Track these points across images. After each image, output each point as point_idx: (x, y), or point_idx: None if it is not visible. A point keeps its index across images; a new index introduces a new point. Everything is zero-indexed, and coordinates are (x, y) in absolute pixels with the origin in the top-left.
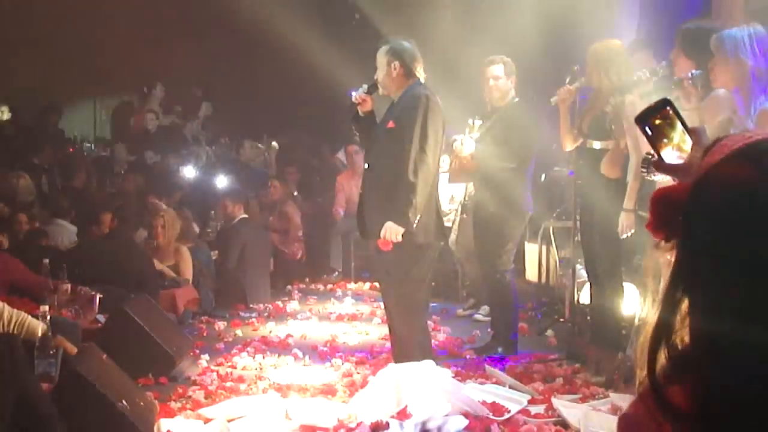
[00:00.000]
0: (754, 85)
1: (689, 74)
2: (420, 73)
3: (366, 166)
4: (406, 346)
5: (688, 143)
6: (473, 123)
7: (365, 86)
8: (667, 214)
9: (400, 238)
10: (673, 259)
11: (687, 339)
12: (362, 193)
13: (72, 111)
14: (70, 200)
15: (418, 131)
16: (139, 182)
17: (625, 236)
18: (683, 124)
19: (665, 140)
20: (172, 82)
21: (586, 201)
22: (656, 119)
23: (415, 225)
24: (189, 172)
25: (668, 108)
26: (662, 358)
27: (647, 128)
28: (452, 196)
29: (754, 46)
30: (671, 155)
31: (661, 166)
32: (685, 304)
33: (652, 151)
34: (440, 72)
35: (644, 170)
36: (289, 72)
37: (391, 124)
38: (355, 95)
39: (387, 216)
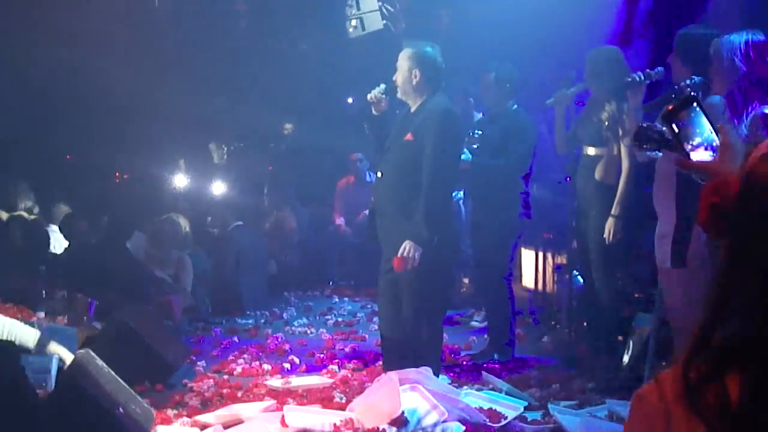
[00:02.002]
0: (748, 91)
1: (689, 80)
2: (441, 82)
3: (379, 174)
4: (418, 353)
5: (716, 140)
6: (473, 134)
7: (383, 86)
8: (720, 209)
9: (418, 261)
10: (723, 254)
11: (731, 337)
12: (375, 201)
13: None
14: (65, 207)
15: (438, 146)
16: (135, 188)
17: (609, 242)
18: (710, 120)
19: (694, 137)
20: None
21: (582, 207)
22: (683, 116)
23: (433, 244)
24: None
25: (695, 104)
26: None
27: (674, 125)
28: None
29: (750, 52)
30: (700, 153)
31: (687, 164)
32: (733, 301)
33: (644, 124)
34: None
35: (636, 144)
36: (290, 76)
37: (409, 137)
38: (371, 94)
39: (403, 233)
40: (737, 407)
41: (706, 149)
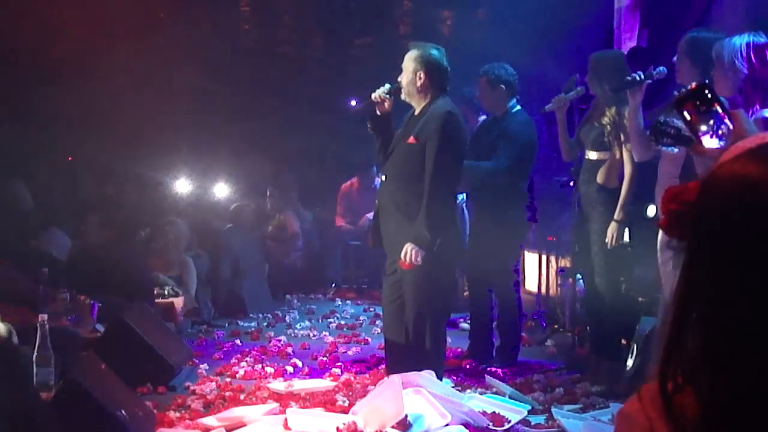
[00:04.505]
0: (749, 94)
1: (689, 86)
2: (446, 85)
3: (383, 177)
4: (421, 357)
5: (728, 127)
6: None
7: (387, 86)
8: (679, 214)
9: (420, 261)
10: (683, 261)
11: (697, 344)
12: (379, 204)
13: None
14: (68, 209)
15: (440, 150)
16: (137, 191)
17: (611, 246)
18: (723, 108)
19: (704, 125)
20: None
21: (584, 211)
22: (694, 103)
23: (435, 247)
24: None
25: (707, 92)
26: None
27: (685, 112)
28: None
29: (751, 55)
30: (711, 140)
31: (699, 151)
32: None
33: (662, 118)
34: None
35: (653, 139)
36: (290, 79)
37: (412, 140)
38: (376, 94)
39: (406, 236)
40: (700, 419)
41: (712, 137)
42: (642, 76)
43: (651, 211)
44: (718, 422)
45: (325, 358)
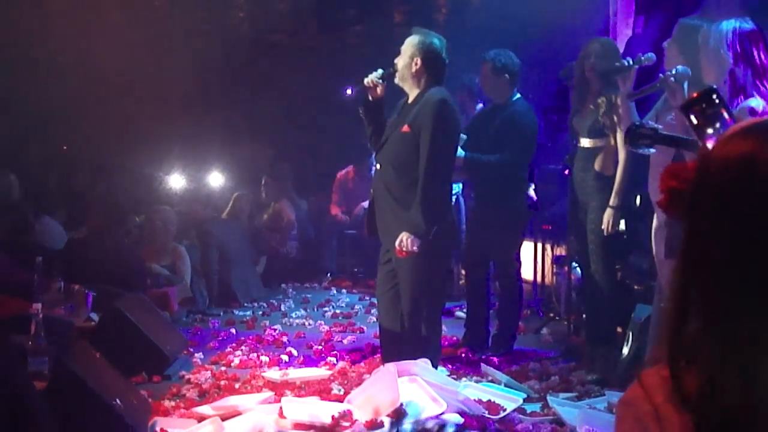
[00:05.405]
0: (734, 83)
1: (673, 70)
2: (441, 76)
3: (378, 166)
4: (417, 345)
5: None
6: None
7: (381, 71)
8: (679, 192)
9: (415, 249)
10: (682, 239)
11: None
12: (373, 192)
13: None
14: (60, 198)
15: (434, 138)
16: (130, 180)
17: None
18: (729, 112)
19: (710, 129)
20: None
21: (579, 198)
22: (701, 108)
23: (430, 235)
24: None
25: (714, 97)
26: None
27: (693, 116)
28: None
29: (736, 42)
30: None
31: None
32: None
33: (636, 122)
34: None
35: (628, 140)
36: (286, 69)
37: (406, 128)
38: (368, 78)
39: (401, 225)
40: (699, 400)
41: None
42: (630, 62)
43: (638, 200)
44: (723, 396)
45: (320, 347)
